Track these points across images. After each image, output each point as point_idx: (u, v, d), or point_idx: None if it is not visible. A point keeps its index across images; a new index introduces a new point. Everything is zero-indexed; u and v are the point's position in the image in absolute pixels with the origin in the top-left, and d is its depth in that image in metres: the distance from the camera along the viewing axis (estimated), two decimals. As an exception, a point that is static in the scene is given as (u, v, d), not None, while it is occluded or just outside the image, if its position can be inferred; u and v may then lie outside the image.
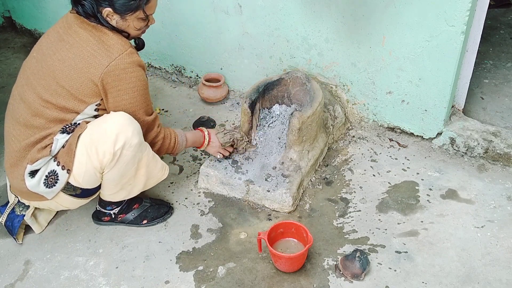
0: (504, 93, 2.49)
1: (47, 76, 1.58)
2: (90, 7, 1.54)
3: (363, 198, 1.99)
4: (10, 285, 1.69)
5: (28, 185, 1.62)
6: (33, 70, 1.62)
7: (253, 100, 2.08)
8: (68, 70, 1.56)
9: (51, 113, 1.59)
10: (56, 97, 1.58)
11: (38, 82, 1.60)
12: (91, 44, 1.56)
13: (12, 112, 1.67)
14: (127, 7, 1.55)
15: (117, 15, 1.56)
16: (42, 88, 1.59)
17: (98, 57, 1.54)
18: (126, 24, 1.60)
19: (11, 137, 1.65)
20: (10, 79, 2.94)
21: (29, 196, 1.68)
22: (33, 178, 1.61)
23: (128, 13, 1.57)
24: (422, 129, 2.24)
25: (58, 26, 1.65)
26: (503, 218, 1.87)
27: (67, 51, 1.57)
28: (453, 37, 1.92)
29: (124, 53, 1.56)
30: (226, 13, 2.42)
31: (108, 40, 1.57)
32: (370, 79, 2.23)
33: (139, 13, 1.59)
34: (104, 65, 1.53)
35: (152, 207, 1.92)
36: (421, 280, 1.65)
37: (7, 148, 1.68)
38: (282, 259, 1.65)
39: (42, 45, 1.65)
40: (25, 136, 1.61)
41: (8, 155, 1.68)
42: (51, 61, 1.58)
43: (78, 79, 1.56)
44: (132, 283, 1.68)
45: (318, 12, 2.17)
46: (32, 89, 1.61)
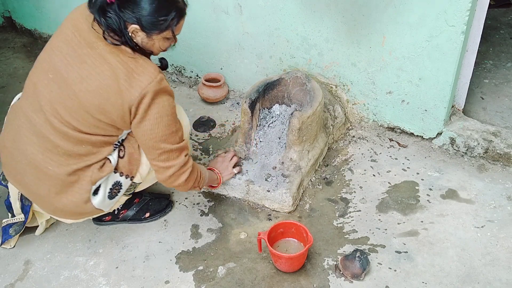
0: (504, 93, 2.49)
1: (79, 109, 1.48)
2: (116, 22, 1.44)
3: (363, 198, 1.99)
4: (10, 285, 1.69)
5: (95, 203, 1.61)
6: (57, 98, 1.50)
7: (253, 100, 2.08)
8: (99, 102, 1.47)
9: (95, 139, 1.54)
10: (95, 129, 1.52)
11: (71, 115, 1.49)
12: (121, 74, 1.46)
13: (35, 141, 1.54)
14: (156, 26, 1.47)
15: (143, 33, 1.48)
16: (77, 122, 1.50)
17: (130, 89, 1.45)
18: (151, 43, 1.52)
19: (43, 164, 1.54)
20: (10, 79, 2.94)
21: (83, 215, 1.67)
22: (97, 195, 1.61)
23: (155, 32, 1.49)
24: (422, 129, 2.24)
25: (70, 39, 1.51)
26: (503, 218, 1.87)
27: (94, 80, 1.46)
28: (453, 37, 1.92)
29: (154, 81, 1.47)
30: (226, 13, 2.42)
31: (137, 67, 1.48)
32: (370, 79, 2.23)
33: (167, 33, 1.51)
34: (136, 96, 1.45)
35: (152, 200, 1.93)
36: (421, 280, 1.65)
37: (34, 176, 1.56)
38: (282, 259, 1.65)
39: (56, 63, 1.51)
40: (69, 162, 1.54)
41: (41, 184, 1.56)
42: (79, 91, 1.47)
43: (111, 112, 1.48)
44: (132, 283, 1.68)
45: (318, 12, 2.17)
46: (65, 121, 1.50)
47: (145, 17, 1.44)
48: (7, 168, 1.65)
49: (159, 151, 1.56)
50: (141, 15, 1.43)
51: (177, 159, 1.59)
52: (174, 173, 1.60)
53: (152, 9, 1.43)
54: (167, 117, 1.53)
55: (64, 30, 1.54)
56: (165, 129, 1.54)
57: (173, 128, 1.57)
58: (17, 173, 1.61)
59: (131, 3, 1.43)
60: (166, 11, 1.47)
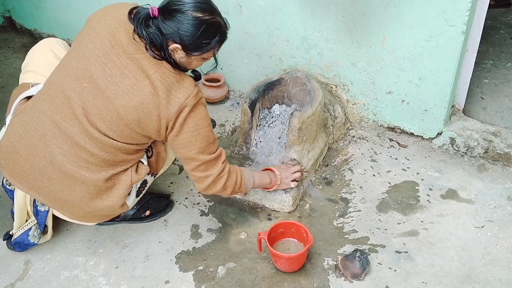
0: (504, 93, 2.49)
1: (118, 122, 1.47)
2: (158, 37, 1.42)
3: (363, 198, 1.99)
4: (10, 285, 1.69)
5: (129, 203, 1.65)
6: (93, 109, 1.47)
7: (253, 100, 2.08)
8: (139, 117, 1.46)
9: (130, 148, 1.55)
10: (131, 140, 1.53)
11: (108, 126, 1.48)
12: (160, 90, 1.44)
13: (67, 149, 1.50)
14: (198, 48, 1.46)
15: (183, 52, 1.46)
16: (114, 133, 1.49)
17: (168, 105, 1.45)
18: (189, 61, 1.52)
19: (77, 171, 1.51)
20: (10, 79, 2.94)
21: (109, 217, 1.70)
22: (130, 195, 1.65)
23: (196, 54, 1.48)
24: (422, 129, 2.24)
25: (108, 49, 1.46)
26: (503, 218, 1.87)
27: (136, 95, 1.44)
28: (453, 37, 1.92)
29: (191, 95, 1.48)
30: (226, 13, 2.42)
31: (175, 83, 1.47)
32: (370, 79, 2.23)
33: (207, 54, 1.52)
34: (173, 113, 1.46)
35: (152, 199, 1.93)
36: (421, 280, 1.65)
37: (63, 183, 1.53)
38: (282, 259, 1.65)
39: (93, 73, 1.46)
40: (106, 169, 1.54)
41: (71, 191, 1.54)
42: (119, 105, 1.45)
43: (149, 126, 1.49)
44: (132, 283, 1.68)
45: (318, 12, 2.17)
46: (102, 131, 1.49)
47: (189, 38, 1.42)
48: (16, 176, 1.57)
49: (198, 162, 1.58)
50: (186, 36, 1.42)
51: (214, 168, 1.61)
52: (213, 181, 1.62)
53: (198, 32, 1.42)
54: (204, 129, 1.54)
55: (100, 38, 1.48)
56: (203, 140, 1.55)
57: (211, 138, 1.58)
58: (36, 180, 1.55)
59: (176, 22, 1.40)
60: (211, 35, 1.46)
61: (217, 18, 1.48)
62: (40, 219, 1.70)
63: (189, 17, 1.40)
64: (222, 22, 1.50)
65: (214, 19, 1.46)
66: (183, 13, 1.40)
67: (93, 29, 1.51)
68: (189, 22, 1.40)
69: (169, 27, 1.41)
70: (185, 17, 1.40)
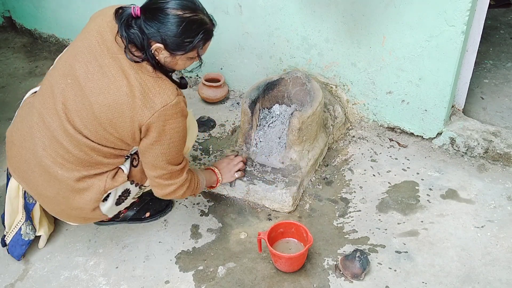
0: (504, 93, 2.49)
1: (93, 120, 1.46)
2: (139, 38, 1.40)
3: (363, 198, 1.99)
4: (10, 285, 1.69)
5: (103, 210, 1.61)
6: (73, 105, 1.47)
7: (253, 100, 2.08)
8: (113, 117, 1.45)
9: (106, 150, 1.52)
10: (105, 141, 1.50)
11: (84, 124, 1.47)
12: (137, 92, 1.42)
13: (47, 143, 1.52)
14: (181, 47, 1.43)
15: (167, 52, 1.44)
16: (89, 132, 1.48)
17: (143, 108, 1.42)
18: (174, 61, 1.49)
19: (52, 167, 1.52)
20: (10, 79, 2.94)
21: (88, 220, 1.67)
22: (106, 202, 1.60)
23: (179, 53, 1.45)
24: (422, 129, 2.24)
25: (94, 47, 1.47)
26: (503, 218, 1.87)
27: (112, 94, 1.43)
28: (453, 37, 1.92)
29: (169, 104, 1.44)
30: (226, 13, 2.42)
31: (154, 87, 1.44)
32: (370, 79, 2.23)
33: (192, 53, 1.48)
34: (147, 117, 1.43)
35: (152, 200, 1.93)
36: (421, 280, 1.65)
37: (42, 178, 1.55)
38: (282, 259, 1.65)
39: (77, 70, 1.47)
40: (79, 169, 1.52)
41: (49, 186, 1.55)
42: (94, 103, 1.44)
43: (123, 128, 1.46)
44: (132, 283, 1.68)
45: (318, 12, 2.17)
46: (78, 129, 1.49)
47: (170, 37, 1.40)
48: (13, 165, 1.62)
49: (165, 171, 1.56)
50: (167, 35, 1.39)
51: (179, 177, 1.60)
52: (174, 189, 1.61)
53: (178, 30, 1.39)
54: (179, 141, 1.53)
55: (88, 36, 1.50)
56: (175, 153, 1.54)
57: (181, 150, 1.57)
58: (24, 171, 1.58)
59: (157, 21, 1.39)
60: (193, 33, 1.42)
61: (200, 15, 1.43)
62: (27, 212, 1.72)
63: (169, 16, 1.38)
64: (207, 19, 1.46)
65: (196, 17, 1.42)
66: (163, 11, 1.38)
67: (86, 28, 1.54)
68: (169, 20, 1.38)
69: (150, 27, 1.39)
70: (165, 15, 1.38)
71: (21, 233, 1.73)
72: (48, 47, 3.26)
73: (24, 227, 1.72)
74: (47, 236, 1.82)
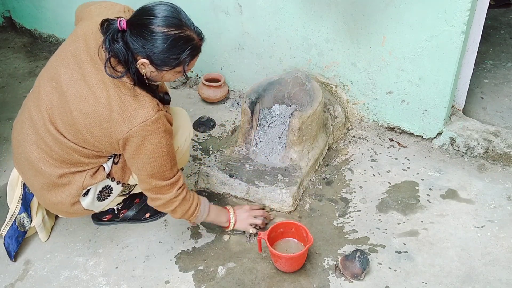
0: (504, 93, 2.49)
1: (72, 125, 1.48)
2: (123, 53, 1.38)
3: (363, 198, 1.99)
4: (10, 285, 1.69)
5: (84, 205, 1.61)
6: (55, 108, 1.50)
7: (253, 100, 2.08)
8: (90, 125, 1.46)
9: (87, 152, 1.53)
10: (86, 145, 1.52)
11: (65, 128, 1.50)
12: (115, 106, 1.42)
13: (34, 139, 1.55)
14: (166, 63, 1.41)
15: (152, 67, 1.42)
16: (70, 135, 1.50)
17: (121, 122, 1.42)
18: (160, 75, 1.47)
19: (37, 162, 1.54)
20: (10, 79, 2.94)
21: (73, 214, 1.67)
22: (86, 197, 1.61)
23: (165, 68, 1.43)
24: (422, 129, 2.24)
25: (79, 53, 1.48)
26: (503, 218, 1.87)
27: (91, 104, 1.43)
28: (453, 37, 1.92)
29: (148, 120, 1.42)
30: (226, 13, 2.42)
31: (134, 102, 1.43)
32: (370, 79, 2.23)
33: (179, 68, 1.45)
34: (125, 131, 1.42)
35: None
36: (421, 280, 1.65)
37: (30, 171, 1.58)
38: (282, 259, 1.65)
39: (61, 75, 1.49)
40: (62, 166, 1.54)
41: (35, 180, 1.58)
42: (74, 109, 1.46)
43: (100, 137, 1.47)
44: (132, 283, 1.68)
45: (318, 12, 2.17)
46: (59, 130, 1.51)
47: (156, 54, 1.38)
48: (14, 156, 1.67)
49: (149, 186, 1.55)
50: (152, 52, 1.37)
51: (167, 193, 1.57)
52: (163, 204, 1.59)
53: (164, 47, 1.37)
54: (161, 158, 1.49)
55: (75, 41, 1.50)
56: (158, 168, 1.51)
57: (167, 166, 1.53)
58: (20, 163, 1.63)
59: (143, 38, 1.36)
60: (180, 50, 1.40)
61: (186, 31, 1.40)
62: (27, 202, 1.75)
63: (154, 33, 1.35)
64: (194, 34, 1.42)
65: (182, 33, 1.39)
66: (149, 28, 1.36)
67: (76, 31, 1.54)
68: (154, 38, 1.36)
69: (135, 43, 1.37)
70: (150, 32, 1.36)
71: (16, 225, 1.76)
72: (48, 47, 3.26)
73: (18, 219, 1.76)
74: (44, 228, 1.84)
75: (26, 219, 1.76)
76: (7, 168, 2.24)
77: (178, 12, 1.40)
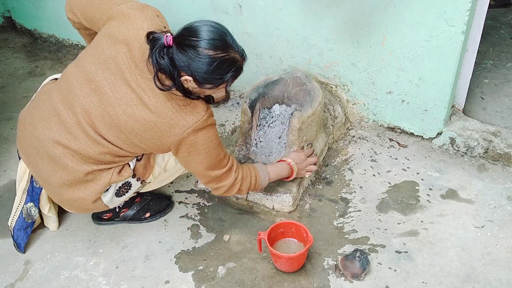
0: (504, 93, 2.49)
1: (117, 128, 1.51)
2: (169, 68, 1.40)
3: (363, 198, 1.99)
4: (10, 285, 1.69)
5: (105, 200, 1.65)
6: (97, 111, 1.51)
7: (253, 100, 2.08)
8: (141, 132, 1.50)
9: (123, 153, 1.57)
10: (127, 147, 1.55)
11: (108, 130, 1.52)
12: (169, 112, 1.47)
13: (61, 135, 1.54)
14: (210, 82, 1.44)
15: (195, 84, 1.44)
16: (112, 136, 1.52)
17: (175, 127, 1.48)
18: (202, 91, 1.50)
19: (63, 159, 1.55)
20: (10, 79, 2.94)
21: (88, 210, 1.70)
22: (107, 193, 1.64)
23: (208, 86, 1.45)
24: (422, 129, 2.24)
25: (121, 60, 1.48)
26: (503, 218, 1.87)
27: (141, 111, 1.47)
28: (453, 37, 1.92)
29: (201, 119, 1.49)
30: (226, 13, 2.42)
31: (186, 107, 1.48)
32: (370, 79, 2.23)
33: (221, 86, 1.48)
34: (178, 134, 1.49)
35: (153, 201, 1.94)
36: (421, 280, 1.65)
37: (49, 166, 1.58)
38: (282, 259, 1.65)
39: (101, 80, 1.50)
40: (90, 163, 1.56)
41: (55, 175, 1.58)
42: (122, 114, 1.48)
43: (148, 141, 1.52)
44: (132, 283, 1.68)
45: (318, 12, 2.17)
46: (100, 132, 1.52)
47: (200, 73, 1.40)
48: (22, 148, 1.66)
49: (209, 178, 1.63)
50: (197, 71, 1.39)
51: (228, 179, 1.66)
52: (227, 189, 1.68)
53: (209, 69, 1.39)
54: (215, 149, 1.57)
55: (115, 45, 1.50)
56: (214, 159, 1.59)
57: (221, 155, 1.61)
58: (32, 157, 1.62)
59: (188, 57, 1.38)
60: (224, 71, 1.42)
61: (231, 54, 1.42)
62: (35, 195, 1.75)
63: (201, 55, 1.37)
64: (238, 56, 1.45)
65: (227, 56, 1.41)
66: (196, 49, 1.37)
67: (112, 34, 1.52)
68: (200, 59, 1.38)
69: (181, 61, 1.39)
70: (197, 54, 1.37)
71: (23, 216, 1.78)
72: (48, 47, 3.26)
73: (25, 210, 1.77)
74: (56, 217, 1.86)
75: (33, 209, 1.78)
76: (7, 168, 2.24)
77: (224, 34, 1.43)
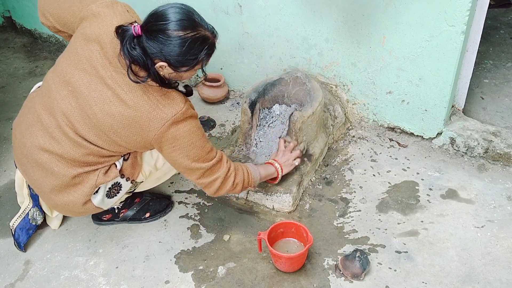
0: (504, 93, 2.49)
1: (97, 128, 1.49)
2: (141, 58, 1.39)
3: (363, 198, 1.99)
4: (10, 285, 1.69)
5: (95, 202, 1.63)
6: (75, 112, 1.50)
7: (253, 100, 2.08)
8: (120, 129, 1.49)
9: (107, 153, 1.56)
10: (109, 146, 1.54)
11: (88, 130, 1.50)
12: (147, 106, 1.45)
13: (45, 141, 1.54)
14: (185, 64, 1.43)
15: (170, 68, 1.44)
16: (93, 137, 1.51)
17: (154, 120, 1.46)
18: (179, 76, 1.49)
19: (49, 164, 1.54)
20: (10, 79, 2.94)
21: (82, 213, 1.68)
22: (97, 195, 1.62)
23: (183, 68, 1.45)
24: (422, 129, 2.24)
25: (96, 58, 1.48)
26: (503, 218, 1.87)
27: (118, 107, 1.46)
28: (453, 37, 1.92)
29: (179, 112, 1.47)
30: (226, 13, 2.42)
31: (163, 99, 1.47)
32: (370, 79, 2.23)
33: (196, 67, 1.48)
34: (158, 128, 1.47)
35: (153, 201, 1.94)
36: (421, 280, 1.65)
37: (38, 173, 1.58)
38: (282, 259, 1.65)
39: (77, 81, 1.49)
40: (75, 167, 1.55)
41: (44, 181, 1.58)
42: (99, 112, 1.47)
43: (129, 138, 1.51)
44: (132, 283, 1.68)
45: (318, 12, 2.17)
46: (80, 133, 1.51)
47: (174, 57, 1.39)
48: (15, 156, 1.67)
49: (202, 171, 1.59)
50: (170, 55, 1.39)
51: (220, 170, 1.62)
52: (222, 182, 1.63)
53: (182, 50, 1.39)
54: (199, 140, 1.54)
55: (88, 45, 1.50)
56: (200, 150, 1.55)
57: (208, 147, 1.58)
58: (24, 165, 1.62)
59: (159, 42, 1.37)
60: (197, 50, 1.41)
61: (201, 32, 1.41)
62: (35, 202, 1.77)
63: (171, 38, 1.37)
64: (208, 33, 1.44)
65: (198, 35, 1.40)
66: (165, 33, 1.37)
67: (85, 33, 1.52)
68: (171, 42, 1.37)
69: (153, 47, 1.38)
70: (167, 37, 1.37)
71: (29, 218, 1.79)
72: (48, 47, 3.27)
73: (31, 212, 1.78)
74: (61, 215, 1.88)
75: (38, 213, 1.80)
76: (7, 168, 2.24)
77: (191, 13, 1.42)
